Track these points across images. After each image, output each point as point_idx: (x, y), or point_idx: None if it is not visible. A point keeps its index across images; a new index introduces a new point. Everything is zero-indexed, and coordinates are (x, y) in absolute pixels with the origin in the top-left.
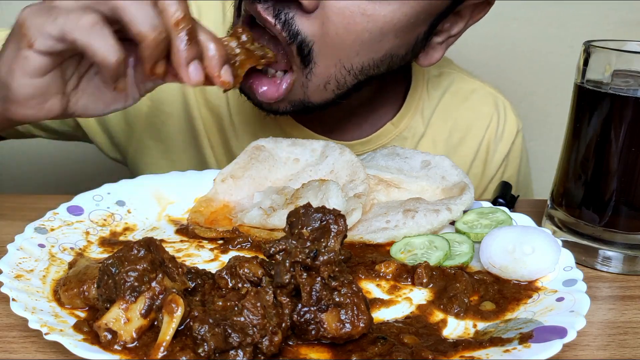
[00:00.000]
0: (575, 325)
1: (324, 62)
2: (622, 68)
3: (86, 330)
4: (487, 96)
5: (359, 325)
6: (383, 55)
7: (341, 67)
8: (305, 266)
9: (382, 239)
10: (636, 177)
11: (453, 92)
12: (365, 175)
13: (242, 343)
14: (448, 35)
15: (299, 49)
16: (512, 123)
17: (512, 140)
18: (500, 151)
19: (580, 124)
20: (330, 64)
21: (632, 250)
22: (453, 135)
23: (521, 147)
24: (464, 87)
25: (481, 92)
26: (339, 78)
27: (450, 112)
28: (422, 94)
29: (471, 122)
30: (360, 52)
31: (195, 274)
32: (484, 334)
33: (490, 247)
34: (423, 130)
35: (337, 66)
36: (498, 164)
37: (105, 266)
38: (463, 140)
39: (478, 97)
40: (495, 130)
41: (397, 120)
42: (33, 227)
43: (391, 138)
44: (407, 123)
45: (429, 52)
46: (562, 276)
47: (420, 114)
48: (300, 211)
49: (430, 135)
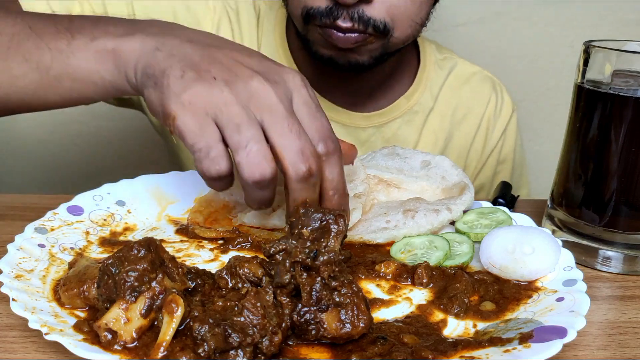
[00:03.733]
0: (575, 325)
1: (399, 29)
2: (622, 68)
3: (86, 330)
4: (485, 79)
5: (359, 325)
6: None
7: (414, 25)
8: (305, 266)
9: (382, 239)
10: (636, 177)
11: (456, 74)
12: (365, 175)
13: (242, 343)
14: None
15: (375, 27)
16: (508, 103)
17: (509, 118)
18: (498, 128)
19: (580, 124)
20: (404, 28)
21: (632, 250)
22: (457, 112)
23: (516, 126)
24: (465, 70)
25: (480, 75)
26: (415, 33)
27: (454, 91)
28: (431, 72)
29: (472, 101)
30: (421, 6)
31: (195, 274)
32: (484, 334)
33: (490, 247)
34: (432, 105)
35: (412, 26)
36: (497, 139)
37: (105, 266)
38: (466, 117)
39: (478, 79)
40: (494, 108)
41: (409, 94)
42: (33, 227)
43: (404, 111)
44: (417, 98)
45: None
46: (562, 276)
47: (429, 90)
48: (300, 211)
49: (437, 110)
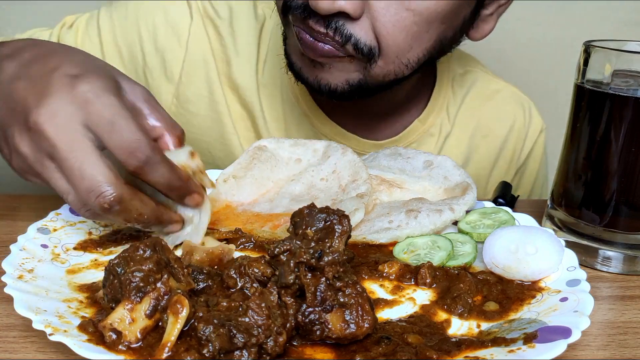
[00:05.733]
0: (579, 326)
1: (382, 60)
2: (622, 68)
3: (91, 330)
4: (511, 96)
5: (364, 325)
6: (434, 42)
7: (399, 62)
8: (309, 266)
9: (384, 239)
10: (636, 177)
11: (477, 92)
12: (367, 175)
13: (247, 343)
14: (498, 5)
15: (355, 47)
16: (536, 122)
17: (535, 139)
18: (524, 151)
19: (580, 124)
20: (388, 61)
21: (632, 250)
22: (477, 133)
23: (543, 146)
24: (488, 87)
25: (505, 92)
26: (398, 72)
27: (474, 111)
28: (447, 92)
29: (495, 122)
30: (413, 46)
31: (207, 275)
32: (488, 334)
33: (493, 247)
34: (449, 129)
35: (395, 62)
36: (522, 162)
37: (111, 266)
38: (486, 139)
39: (502, 97)
40: (520, 130)
41: (423, 117)
42: (36, 227)
43: (419, 135)
44: (433, 120)
45: (479, 26)
46: (566, 276)
47: (445, 111)
48: (304, 211)
49: (456, 133)
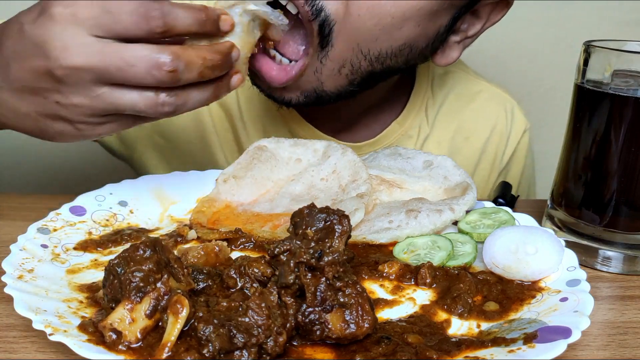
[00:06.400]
0: (579, 326)
1: (341, 45)
2: (622, 68)
3: (91, 330)
4: (493, 97)
5: (364, 325)
6: (402, 45)
7: (358, 51)
8: (309, 266)
9: (384, 239)
10: (636, 177)
11: (458, 93)
12: (367, 175)
13: (247, 343)
14: (465, 36)
15: (320, 27)
16: (519, 123)
17: (518, 140)
18: (507, 151)
19: (580, 124)
20: (347, 47)
21: (632, 250)
22: (457, 135)
23: (527, 146)
24: (469, 88)
25: (487, 93)
26: (354, 62)
27: (455, 113)
28: (427, 92)
29: (476, 124)
30: (379, 37)
31: (207, 275)
32: (488, 334)
33: (493, 247)
34: (428, 131)
35: (355, 50)
36: (505, 163)
37: (111, 266)
38: (468, 141)
39: (483, 99)
40: (502, 131)
41: (401, 119)
42: (36, 227)
43: (397, 137)
44: (411, 122)
45: (445, 51)
46: (566, 276)
47: (424, 112)
48: (304, 211)
49: (435, 135)
